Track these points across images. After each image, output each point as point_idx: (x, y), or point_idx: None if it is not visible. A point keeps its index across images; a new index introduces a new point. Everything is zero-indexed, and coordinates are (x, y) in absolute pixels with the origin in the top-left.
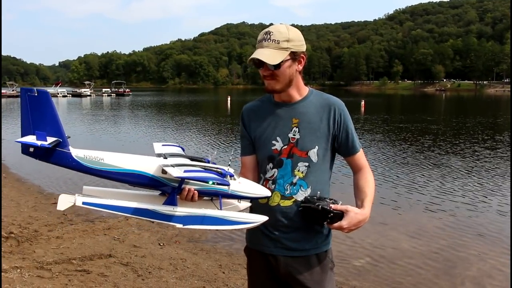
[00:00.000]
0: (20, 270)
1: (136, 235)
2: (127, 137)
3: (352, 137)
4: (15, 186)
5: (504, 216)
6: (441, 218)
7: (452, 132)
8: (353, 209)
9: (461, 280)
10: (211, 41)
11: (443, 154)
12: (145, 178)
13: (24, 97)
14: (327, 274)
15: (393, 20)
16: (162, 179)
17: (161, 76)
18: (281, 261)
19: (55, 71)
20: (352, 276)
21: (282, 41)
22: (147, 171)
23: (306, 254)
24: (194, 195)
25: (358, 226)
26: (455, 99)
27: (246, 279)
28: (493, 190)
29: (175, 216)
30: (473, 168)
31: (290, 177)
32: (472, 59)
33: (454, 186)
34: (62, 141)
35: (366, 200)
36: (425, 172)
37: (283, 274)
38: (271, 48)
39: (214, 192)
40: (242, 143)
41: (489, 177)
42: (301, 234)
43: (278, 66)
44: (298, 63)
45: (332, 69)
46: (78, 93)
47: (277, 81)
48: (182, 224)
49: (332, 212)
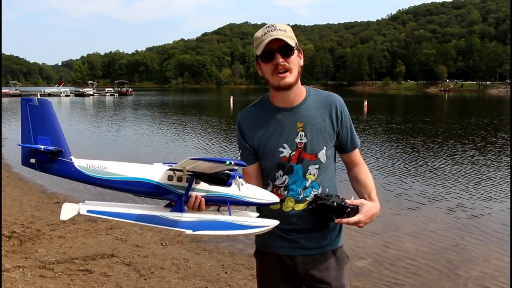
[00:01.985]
0: (22, 270)
1: (138, 235)
2: (129, 138)
3: (351, 133)
4: (18, 186)
5: (508, 217)
6: (444, 219)
7: (456, 132)
8: (367, 202)
9: (464, 281)
10: (214, 41)
11: (447, 155)
12: (150, 186)
13: (25, 107)
14: (343, 269)
15: (396, 20)
16: (168, 186)
17: (164, 76)
18: (298, 261)
19: (58, 70)
20: (355, 277)
21: (288, 31)
22: (152, 179)
23: (322, 251)
24: (201, 202)
25: (372, 219)
26: (458, 99)
27: (248, 279)
28: (498, 191)
29: (184, 222)
30: (477, 169)
31: (303, 181)
32: (475, 59)
33: (458, 186)
34: (64, 151)
35: (372, 193)
36: (429, 173)
37: (301, 274)
38: (282, 35)
39: (222, 199)
40: (242, 153)
41: (494, 178)
42: (316, 232)
43: (291, 52)
44: (299, 58)
45: (335, 69)
46: (81, 92)
47: (291, 72)
48: (192, 230)
49: (349, 207)
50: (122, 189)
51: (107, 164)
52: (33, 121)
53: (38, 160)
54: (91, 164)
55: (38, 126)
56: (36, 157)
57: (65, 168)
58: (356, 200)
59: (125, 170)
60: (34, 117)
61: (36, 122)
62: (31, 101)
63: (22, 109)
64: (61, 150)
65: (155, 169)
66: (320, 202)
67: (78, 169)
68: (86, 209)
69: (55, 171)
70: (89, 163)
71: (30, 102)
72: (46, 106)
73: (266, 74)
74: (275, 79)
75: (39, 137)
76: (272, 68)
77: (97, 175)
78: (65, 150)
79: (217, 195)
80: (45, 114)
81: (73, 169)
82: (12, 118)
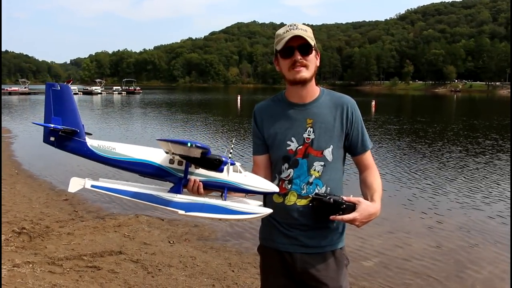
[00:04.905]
0: (32, 265)
1: (146, 233)
2: (136, 136)
3: (363, 135)
4: (27, 183)
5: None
6: (452, 219)
7: (465, 133)
8: (365, 201)
9: (471, 282)
10: (221, 40)
11: (456, 156)
12: (152, 168)
13: (48, 91)
14: (342, 271)
15: (404, 20)
16: (169, 168)
17: (172, 75)
18: (297, 258)
19: (66, 69)
20: (362, 277)
21: (308, 31)
22: (155, 161)
23: (322, 251)
24: (199, 186)
25: (370, 219)
26: (467, 100)
27: (255, 277)
28: (507, 193)
29: (177, 202)
30: (488, 170)
31: (307, 176)
32: (485, 59)
33: (467, 187)
34: (79, 131)
35: (375, 195)
36: (437, 173)
37: (299, 271)
38: (303, 34)
39: (220, 185)
40: (254, 142)
41: (504, 180)
42: (317, 231)
43: (310, 51)
44: (316, 58)
45: (343, 68)
46: (89, 91)
47: (307, 68)
48: (184, 211)
49: (344, 204)
50: (127, 169)
51: (115, 145)
52: (55, 103)
53: (57, 139)
54: (101, 144)
55: (59, 107)
56: (55, 135)
57: (79, 147)
58: (353, 198)
59: (131, 151)
60: (56, 99)
61: (57, 104)
62: (54, 86)
63: (46, 92)
64: (77, 130)
65: (159, 152)
66: (317, 198)
67: (90, 148)
68: (91, 184)
69: (70, 148)
70: (100, 144)
71: (53, 87)
72: (66, 90)
73: (283, 69)
74: (291, 73)
75: (60, 118)
76: (290, 63)
77: (106, 155)
78: (80, 131)
79: (215, 181)
80: (65, 97)
81: (86, 148)
82: (22, 115)
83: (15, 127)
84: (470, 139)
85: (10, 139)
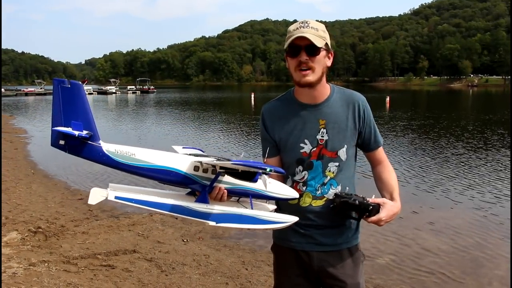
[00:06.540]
0: (47, 264)
1: (160, 231)
2: (150, 135)
3: (375, 132)
4: (43, 182)
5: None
6: (468, 216)
7: (481, 129)
8: (389, 202)
9: (488, 279)
10: (234, 38)
11: (472, 151)
12: (177, 175)
13: (57, 88)
14: (359, 267)
15: (418, 15)
16: (194, 176)
17: (185, 73)
18: (314, 257)
19: (81, 69)
20: (376, 274)
21: (320, 30)
22: (179, 168)
23: (338, 249)
24: (224, 194)
25: (393, 218)
26: (483, 95)
27: (269, 275)
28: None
29: (209, 214)
30: (504, 166)
31: (322, 178)
32: (501, 53)
33: (483, 183)
34: (93, 134)
35: (395, 193)
36: (453, 169)
37: (315, 269)
38: (311, 34)
39: (244, 192)
40: (264, 145)
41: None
42: (333, 229)
43: (317, 52)
44: (328, 58)
45: (357, 65)
46: (103, 90)
47: (313, 71)
48: (215, 222)
49: (371, 205)
50: (149, 176)
51: (135, 151)
52: (65, 103)
53: (68, 143)
54: (119, 149)
55: (70, 108)
56: (66, 139)
57: (94, 152)
58: (378, 198)
59: (152, 157)
60: (65, 98)
61: (67, 104)
62: (64, 83)
63: (53, 90)
64: (92, 134)
65: (181, 158)
66: (342, 200)
67: (106, 153)
68: (114, 195)
69: (84, 154)
70: (117, 149)
71: (63, 84)
72: (78, 88)
73: (290, 68)
74: (297, 75)
75: (72, 121)
76: (296, 63)
77: (125, 161)
78: (94, 134)
79: (241, 188)
80: (76, 96)
81: (101, 153)
82: (38, 116)
83: (31, 128)
84: (490, 134)
85: (26, 139)
